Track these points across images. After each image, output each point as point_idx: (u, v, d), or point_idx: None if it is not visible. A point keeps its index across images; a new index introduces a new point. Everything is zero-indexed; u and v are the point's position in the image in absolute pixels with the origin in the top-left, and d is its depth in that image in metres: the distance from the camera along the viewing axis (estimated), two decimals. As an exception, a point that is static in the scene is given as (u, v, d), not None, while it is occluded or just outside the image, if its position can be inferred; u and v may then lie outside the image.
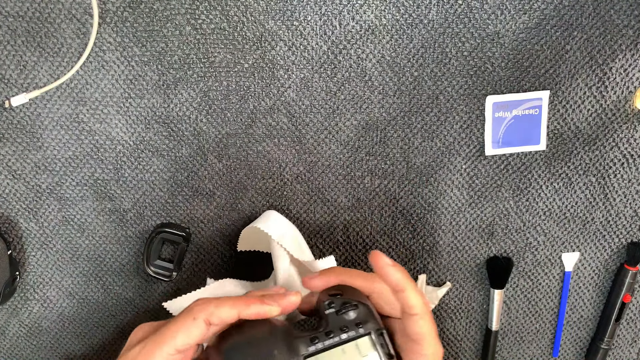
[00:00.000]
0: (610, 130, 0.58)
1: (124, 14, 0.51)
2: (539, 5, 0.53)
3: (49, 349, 0.63)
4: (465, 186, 0.59)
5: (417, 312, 0.33)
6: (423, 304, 0.34)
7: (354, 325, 0.33)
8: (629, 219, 0.62)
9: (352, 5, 0.52)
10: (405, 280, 0.33)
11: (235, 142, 0.56)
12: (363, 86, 0.55)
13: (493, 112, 0.56)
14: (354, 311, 0.33)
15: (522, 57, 0.55)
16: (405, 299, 0.33)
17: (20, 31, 0.51)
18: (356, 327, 0.33)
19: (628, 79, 0.56)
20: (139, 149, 0.56)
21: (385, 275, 0.34)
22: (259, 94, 0.54)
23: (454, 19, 0.53)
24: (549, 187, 0.60)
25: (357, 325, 0.33)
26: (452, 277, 0.63)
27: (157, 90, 0.54)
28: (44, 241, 0.58)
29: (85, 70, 0.52)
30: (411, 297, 0.33)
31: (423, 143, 0.57)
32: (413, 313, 0.34)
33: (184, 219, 0.58)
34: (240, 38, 0.52)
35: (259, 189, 0.58)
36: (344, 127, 0.56)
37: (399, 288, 0.33)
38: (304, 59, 0.54)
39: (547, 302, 0.65)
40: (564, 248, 0.63)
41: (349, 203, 0.59)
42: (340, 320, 0.33)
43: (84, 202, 0.57)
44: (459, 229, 0.61)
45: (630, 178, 0.60)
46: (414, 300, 0.33)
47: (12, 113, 0.53)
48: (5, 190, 0.56)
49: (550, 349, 0.68)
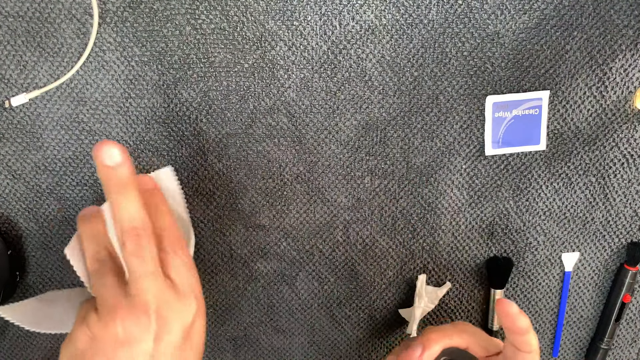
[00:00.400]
0: (610, 130, 0.58)
1: (124, 14, 0.51)
2: (539, 5, 0.53)
3: (49, 349, 0.63)
4: (465, 186, 0.59)
5: (534, 350, 0.37)
6: (537, 342, 0.38)
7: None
8: (629, 219, 0.62)
9: (352, 5, 0.52)
10: (530, 325, 0.37)
11: (235, 142, 0.56)
12: (363, 86, 0.55)
13: (493, 112, 0.56)
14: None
15: (522, 57, 0.55)
16: (526, 341, 0.37)
17: (20, 31, 0.51)
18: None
19: (628, 79, 0.56)
20: (139, 149, 0.56)
21: (513, 322, 0.37)
22: (259, 94, 0.54)
23: (454, 19, 0.53)
24: (549, 187, 0.60)
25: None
26: (452, 277, 0.63)
27: (157, 90, 0.54)
28: (44, 241, 0.58)
29: (85, 70, 0.52)
30: (532, 339, 0.37)
31: (423, 143, 0.57)
32: (529, 351, 0.37)
33: (184, 219, 0.58)
34: (240, 38, 0.52)
35: (259, 189, 0.58)
36: (344, 127, 0.56)
37: (524, 332, 0.37)
38: (304, 59, 0.54)
39: (547, 302, 0.65)
40: (564, 248, 0.63)
41: (349, 203, 0.59)
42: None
43: (84, 202, 0.57)
44: (459, 229, 0.61)
45: (630, 178, 0.60)
46: (534, 341, 0.37)
47: (12, 113, 0.53)
48: (5, 190, 0.56)
49: (550, 349, 0.68)
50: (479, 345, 0.40)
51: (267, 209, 0.59)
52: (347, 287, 0.63)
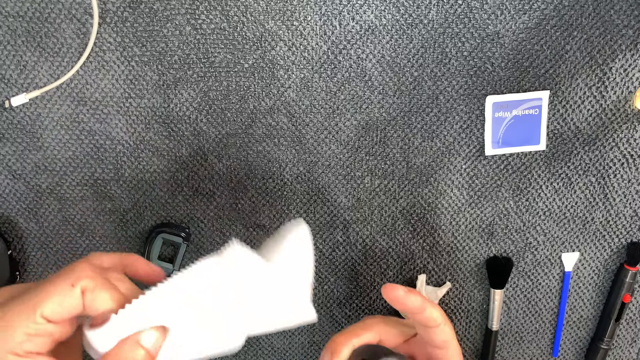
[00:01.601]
0: (610, 130, 0.58)
1: (124, 14, 0.51)
2: (539, 5, 0.53)
3: (49, 349, 0.63)
4: (465, 186, 0.59)
5: (440, 322, 0.35)
6: (441, 314, 0.35)
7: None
8: (629, 219, 0.62)
9: (352, 5, 0.52)
10: (423, 301, 0.34)
11: (235, 142, 0.56)
12: (363, 86, 0.55)
13: (493, 112, 0.56)
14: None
15: (522, 57, 0.55)
16: (427, 317, 0.34)
17: (20, 31, 0.51)
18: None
19: (628, 79, 0.56)
20: (139, 149, 0.56)
21: (404, 304, 0.34)
22: (259, 94, 0.54)
23: (454, 19, 0.53)
24: (549, 187, 0.60)
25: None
26: (452, 277, 0.63)
27: (157, 90, 0.54)
28: (44, 241, 0.58)
29: (85, 70, 0.52)
30: (432, 312, 0.34)
31: (423, 143, 0.57)
32: (436, 325, 0.35)
33: (184, 219, 0.58)
34: (240, 38, 0.52)
35: (259, 189, 0.58)
36: (344, 127, 0.56)
37: (420, 310, 0.34)
38: (304, 59, 0.54)
39: (547, 302, 0.65)
40: (563, 248, 0.63)
41: (349, 203, 0.59)
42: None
43: (84, 202, 0.57)
44: (459, 229, 0.61)
45: (630, 178, 0.60)
46: (435, 314, 0.35)
47: (12, 113, 0.53)
48: (5, 190, 0.56)
49: (550, 349, 0.68)
50: (392, 334, 0.38)
51: (267, 209, 0.59)
52: (347, 287, 0.63)
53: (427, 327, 0.35)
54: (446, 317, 0.36)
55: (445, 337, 0.35)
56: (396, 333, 0.37)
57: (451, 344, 0.36)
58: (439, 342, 0.35)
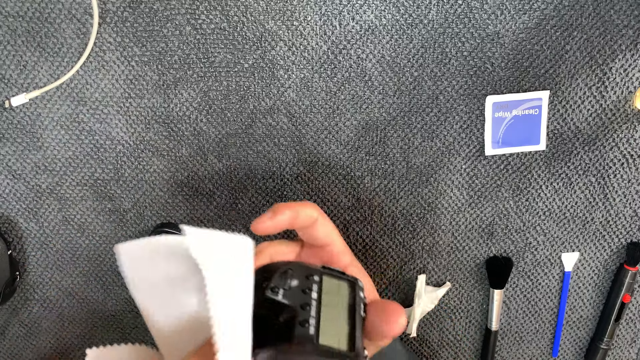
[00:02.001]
0: (610, 130, 0.58)
1: (124, 14, 0.51)
2: (539, 5, 0.53)
3: (49, 349, 0.63)
4: (465, 186, 0.59)
5: (315, 216, 0.33)
6: (316, 209, 0.34)
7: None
8: (628, 219, 0.62)
9: (352, 5, 0.52)
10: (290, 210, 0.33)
11: (235, 142, 0.56)
12: (363, 86, 0.55)
13: (493, 112, 0.56)
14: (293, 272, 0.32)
15: (522, 57, 0.55)
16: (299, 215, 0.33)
17: (20, 31, 0.51)
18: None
19: (628, 79, 0.56)
20: (139, 149, 0.56)
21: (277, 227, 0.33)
22: (259, 94, 0.54)
23: (454, 19, 0.53)
24: (549, 187, 0.60)
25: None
26: (452, 277, 0.63)
27: (157, 90, 0.54)
28: (44, 241, 0.58)
29: (85, 70, 0.52)
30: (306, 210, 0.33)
31: (423, 143, 0.57)
32: (312, 220, 0.33)
33: (184, 219, 0.58)
34: (240, 38, 0.52)
35: (259, 189, 0.58)
36: (344, 127, 0.56)
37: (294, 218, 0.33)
38: (304, 59, 0.54)
39: (547, 302, 0.65)
40: (563, 248, 0.63)
41: (349, 203, 0.59)
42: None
43: (84, 202, 0.57)
44: (459, 229, 0.61)
45: (630, 178, 0.60)
46: (309, 210, 0.33)
47: (12, 113, 0.53)
48: (5, 190, 0.56)
49: (549, 348, 0.68)
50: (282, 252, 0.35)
51: (267, 208, 0.59)
52: (347, 287, 0.63)
53: (305, 227, 0.34)
54: (323, 214, 0.34)
55: (326, 230, 0.34)
56: (285, 250, 0.36)
57: (334, 237, 0.34)
58: (319, 238, 0.34)
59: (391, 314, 0.31)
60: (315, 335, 0.27)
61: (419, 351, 0.67)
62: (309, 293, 0.30)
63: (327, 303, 0.30)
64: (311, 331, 0.27)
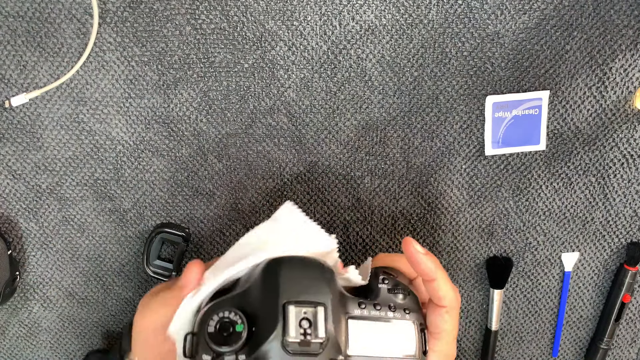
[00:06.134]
0: (610, 130, 0.58)
1: (124, 14, 0.51)
2: (539, 5, 0.53)
3: (49, 349, 0.63)
4: (465, 186, 0.59)
5: (446, 304, 0.32)
6: (454, 298, 0.32)
7: (402, 309, 0.32)
8: (628, 219, 0.62)
9: (352, 5, 0.52)
10: (436, 269, 0.32)
11: (235, 142, 0.56)
12: (363, 86, 0.55)
13: (493, 112, 0.56)
14: (404, 295, 0.33)
15: (522, 57, 0.55)
16: (435, 290, 0.32)
17: (20, 31, 0.51)
18: (403, 312, 0.32)
19: (628, 79, 0.56)
20: (139, 149, 0.56)
21: (417, 264, 0.32)
22: (259, 94, 0.54)
23: (454, 19, 0.53)
24: (549, 187, 0.60)
25: (404, 310, 0.32)
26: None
27: (157, 90, 0.54)
28: (44, 241, 0.58)
29: (85, 70, 0.52)
30: (442, 288, 0.31)
31: (423, 143, 0.57)
32: (441, 305, 0.32)
33: (184, 219, 0.58)
34: (240, 38, 0.52)
35: (259, 189, 0.58)
36: (344, 127, 0.56)
37: (430, 277, 0.32)
38: (304, 59, 0.54)
39: (547, 302, 0.65)
40: (563, 248, 0.63)
41: (349, 203, 0.59)
42: (390, 299, 0.32)
43: (84, 202, 0.57)
44: (458, 229, 0.61)
45: (630, 178, 0.60)
46: (444, 291, 0.32)
47: (12, 113, 0.53)
48: (5, 190, 0.56)
49: (549, 349, 0.68)
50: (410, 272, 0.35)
51: (267, 208, 0.59)
52: (347, 287, 0.63)
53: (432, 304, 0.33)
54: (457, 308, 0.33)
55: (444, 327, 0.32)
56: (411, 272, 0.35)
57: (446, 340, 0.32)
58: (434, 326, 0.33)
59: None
60: None
61: (419, 351, 0.67)
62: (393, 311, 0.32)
63: None
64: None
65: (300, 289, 0.28)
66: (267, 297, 0.29)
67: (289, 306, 0.27)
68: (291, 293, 0.28)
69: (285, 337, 0.27)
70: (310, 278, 0.30)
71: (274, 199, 0.58)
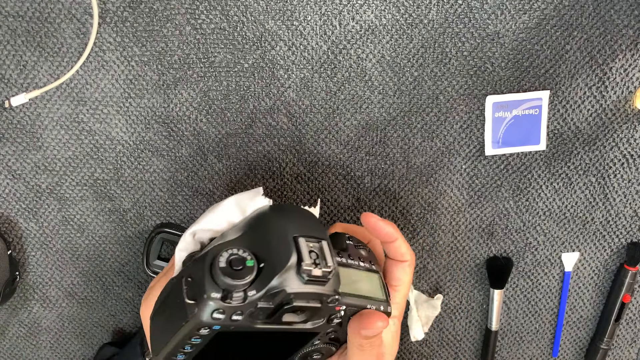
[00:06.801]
0: (610, 130, 0.58)
1: (124, 14, 0.51)
2: (539, 5, 0.53)
3: (49, 349, 0.63)
4: (465, 186, 0.59)
5: (407, 259, 0.36)
6: (412, 254, 0.37)
7: (368, 261, 0.36)
8: (628, 219, 0.62)
9: (352, 5, 0.52)
10: (396, 232, 0.36)
11: (235, 142, 0.56)
12: (363, 86, 0.55)
13: (493, 112, 0.56)
14: (366, 251, 0.37)
15: (522, 57, 0.55)
16: (397, 248, 0.36)
17: (20, 31, 0.51)
18: (369, 264, 0.36)
19: (628, 79, 0.56)
20: (139, 149, 0.56)
21: (379, 229, 0.36)
22: (259, 94, 0.54)
23: (454, 19, 0.53)
24: (549, 187, 0.60)
25: (369, 262, 0.36)
26: (452, 277, 0.63)
27: (157, 90, 0.54)
28: (44, 241, 0.58)
29: (85, 70, 0.52)
30: (402, 246, 0.36)
31: (423, 143, 0.57)
32: (403, 260, 0.36)
33: (184, 219, 0.58)
34: (240, 38, 0.52)
35: (259, 189, 0.58)
36: (344, 127, 0.56)
37: (392, 239, 0.36)
38: (304, 59, 0.54)
39: (547, 302, 0.65)
40: (563, 248, 0.63)
41: (349, 203, 0.59)
42: (358, 252, 0.36)
43: (84, 202, 0.57)
44: (458, 229, 0.61)
45: (630, 178, 0.60)
46: (404, 248, 0.36)
47: (12, 113, 0.53)
48: (5, 190, 0.56)
49: (549, 349, 0.68)
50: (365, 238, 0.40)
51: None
52: (347, 287, 0.63)
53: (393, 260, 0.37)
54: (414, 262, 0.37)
55: (404, 278, 0.37)
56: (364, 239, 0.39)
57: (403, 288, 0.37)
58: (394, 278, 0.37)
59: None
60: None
61: (419, 351, 0.67)
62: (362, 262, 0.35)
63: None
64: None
65: (304, 227, 0.31)
66: (275, 233, 0.31)
67: (299, 238, 0.30)
68: (298, 229, 0.31)
69: (302, 265, 0.29)
70: (310, 219, 0.33)
71: (274, 199, 0.58)
